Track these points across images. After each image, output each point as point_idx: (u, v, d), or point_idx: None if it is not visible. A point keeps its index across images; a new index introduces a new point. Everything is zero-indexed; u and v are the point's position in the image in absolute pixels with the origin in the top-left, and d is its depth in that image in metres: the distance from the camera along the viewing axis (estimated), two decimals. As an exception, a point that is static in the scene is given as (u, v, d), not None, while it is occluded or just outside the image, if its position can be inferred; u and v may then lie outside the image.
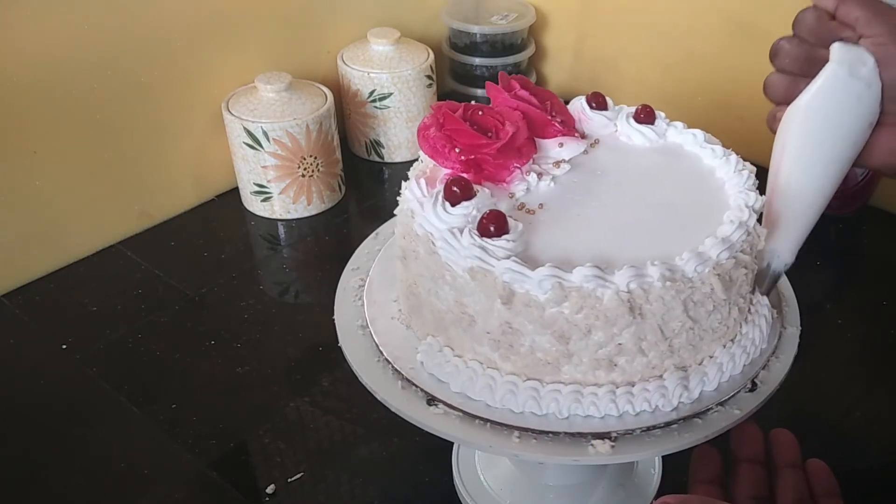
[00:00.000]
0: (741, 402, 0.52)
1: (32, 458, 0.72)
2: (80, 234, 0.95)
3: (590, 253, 0.50)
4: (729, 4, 1.04)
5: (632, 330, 0.48)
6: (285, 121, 0.95)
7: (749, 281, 0.53)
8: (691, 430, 0.50)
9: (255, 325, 0.86)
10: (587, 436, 0.50)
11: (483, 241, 0.49)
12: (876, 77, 0.46)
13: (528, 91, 0.60)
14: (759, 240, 0.52)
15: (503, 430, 0.50)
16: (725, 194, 0.56)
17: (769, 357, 0.55)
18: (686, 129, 0.62)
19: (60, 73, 0.87)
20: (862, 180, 0.96)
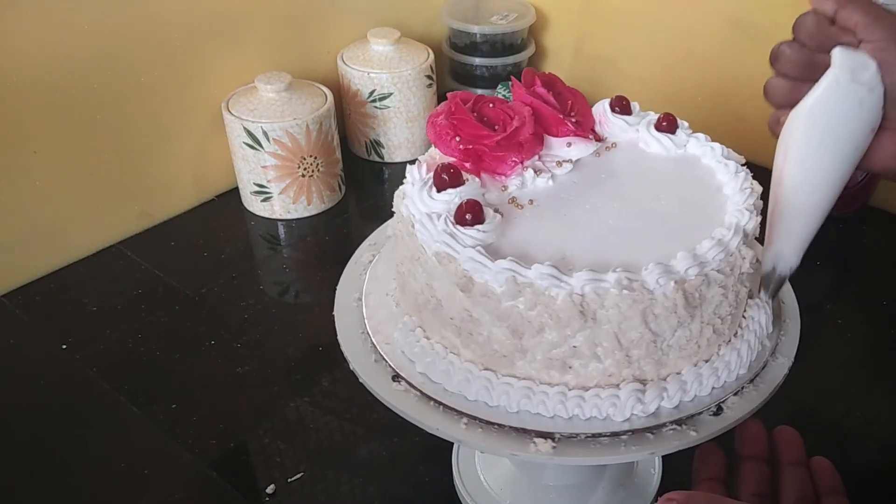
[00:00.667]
0: (701, 423, 0.50)
1: (32, 458, 0.72)
2: (80, 234, 0.95)
3: (561, 253, 0.50)
4: (729, 4, 1.04)
5: (586, 334, 0.48)
6: (285, 121, 0.95)
7: (733, 302, 0.51)
8: (640, 445, 0.49)
9: (255, 325, 0.86)
10: (531, 433, 0.50)
11: (455, 228, 0.51)
12: (878, 82, 0.46)
13: (550, 89, 0.59)
14: (742, 261, 0.50)
15: (454, 415, 0.52)
16: (724, 211, 0.54)
17: (745, 384, 0.53)
18: (707, 142, 0.60)
19: (60, 73, 0.87)
20: (862, 180, 0.96)
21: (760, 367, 0.54)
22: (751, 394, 0.53)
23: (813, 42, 0.49)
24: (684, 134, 0.61)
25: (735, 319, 0.53)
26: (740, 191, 0.55)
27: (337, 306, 0.61)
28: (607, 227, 0.53)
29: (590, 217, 0.54)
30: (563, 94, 0.61)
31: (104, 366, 0.81)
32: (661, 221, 0.54)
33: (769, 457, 0.54)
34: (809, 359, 0.60)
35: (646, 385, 0.51)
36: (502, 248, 0.51)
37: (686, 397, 0.51)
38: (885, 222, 1.00)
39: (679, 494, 0.45)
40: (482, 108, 0.57)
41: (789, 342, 0.57)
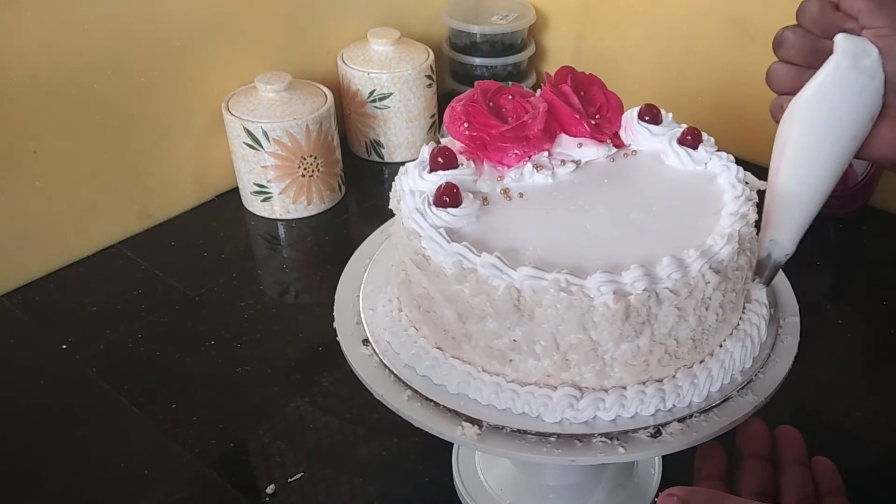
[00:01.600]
0: (634, 442, 0.50)
1: (32, 458, 0.72)
2: (80, 234, 0.95)
3: (518, 247, 0.51)
4: (729, 4, 1.04)
5: (525, 329, 0.49)
6: (285, 121, 0.95)
7: (695, 326, 0.50)
8: (562, 448, 0.50)
9: (255, 325, 0.86)
10: (462, 416, 0.51)
11: (429, 208, 0.52)
12: (879, 69, 0.47)
13: (581, 89, 0.59)
14: (706, 286, 0.48)
15: (401, 386, 0.54)
16: (709, 233, 0.52)
17: (697, 412, 0.51)
18: (728, 161, 0.57)
19: (60, 73, 0.87)
20: (862, 180, 0.96)
21: (721, 399, 0.52)
22: (699, 424, 0.51)
23: (816, 28, 0.49)
24: (705, 151, 0.58)
25: (700, 346, 0.52)
26: (735, 215, 0.52)
27: (337, 306, 0.61)
28: (581, 231, 0.53)
29: (570, 218, 0.54)
30: (594, 96, 0.60)
31: (104, 366, 0.81)
32: (638, 233, 0.52)
33: (770, 456, 0.54)
34: (809, 359, 0.60)
35: (583, 393, 0.51)
36: (470, 234, 0.52)
37: (625, 413, 0.51)
38: (885, 222, 1.00)
39: (680, 490, 0.45)
40: (500, 100, 0.58)
41: (767, 382, 0.54)
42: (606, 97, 0.61)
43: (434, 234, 0.50)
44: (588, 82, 0.61)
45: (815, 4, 0.49)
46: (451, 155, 0.56)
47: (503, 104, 0.58)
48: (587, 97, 0.60)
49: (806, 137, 0.50)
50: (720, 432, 0.51)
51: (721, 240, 0.50)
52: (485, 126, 0.57)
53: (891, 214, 1.01)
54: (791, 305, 0.60)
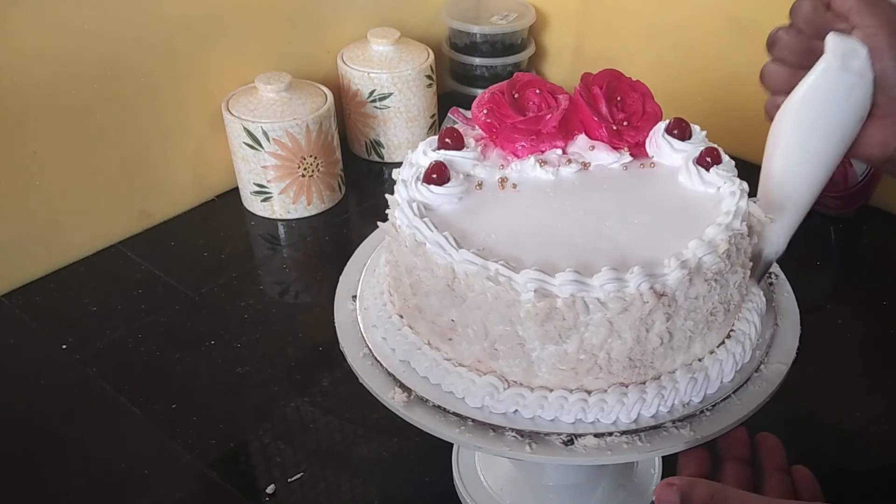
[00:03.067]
0: (544, 445, 0.50)
1: (32, 458, 0.72)
2: (80, 234, 0.95)
3: (486, 235, 0.52)
4: (729, 4, 1.04)
5: (459, 311, 0.50)
6: (285, 121, 0.95)
7: (632, 344, 0.49)
8: (473, 434, 0.51)
9: (255, 325, 0.86)
10: (397, 382, 0.54)
11: (415, 182, 0.55)
12: (868, 68, 0.47)
13: (615, 94, 0.59)
14: (643, 305, 0.47)
15: (361, 352, 0.57)
16: (675, 254, 0.51)
17: (622, 432, 0.50)
18: (739, 189, 0.54)
19: (60, 74, 0.87)
20: (862, 180, 0.96)
21: (650, 425, 0.51)
22: (619, 444, 0.50)
23: (809, 27, 0.49)
24: (718, 174, 0.56)
25: (642, 367, 0.51)
26: (706, 244, 0.50)
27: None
28: (550, 229, 0.53)
29: (546, 215, 0.54)
30: (631, 103, 0.59)
31: (104, 366, 0.81)
32: (605, 242, 0.52)
33: (751, 461, 0.54)
34: (809, 359, 0.60)
35: (509, 385, 0.51)
36: (445, 213, 0.54)
37: (544, 415, 0.51)
38: (885, 222, 1.00)
39: (680, 480, 0.45)
40: (528, 92, 0.60)
41: (714, 421, 0.52)
42: (644, 107, 0.60)
43: (405, 206, 0.53)
44: (629, 88, 0.60)
45: (808, 4, 0.49)
46: (459, 137, 0.58)
47: (529, 97, 0.60)
48: (623, 103, 0.60)
49: (796, 138, 0.50)
50: (643, 456, 0.50)
51: (674, 264, 0.48)
52: (501, 115, 0.58)
53: (891, 214, 1.01)
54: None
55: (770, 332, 0.58)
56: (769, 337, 0.57)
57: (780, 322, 0.59)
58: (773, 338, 0.57)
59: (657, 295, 0.48)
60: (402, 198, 0.55)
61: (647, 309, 0.48)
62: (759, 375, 0.54)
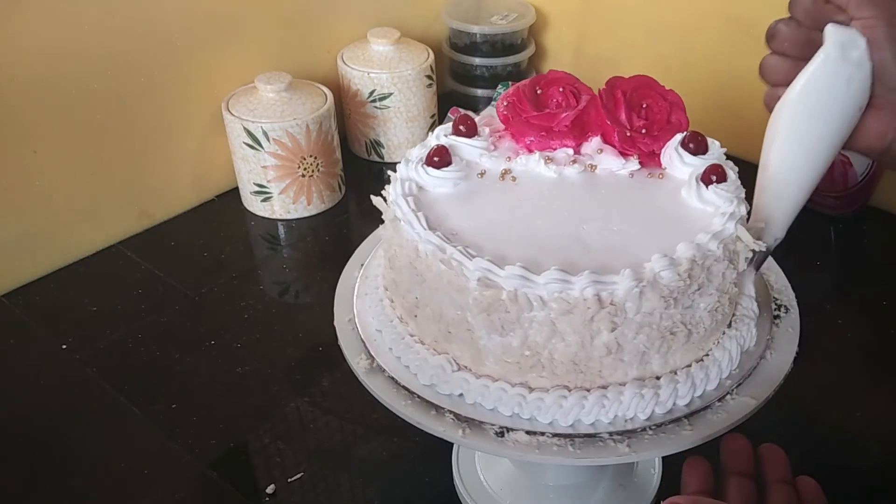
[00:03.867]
0: (477, 431, 0.51)
1: (32, 457, 0.72)
2: (80, 234, 0.95)
3: (461, 220, 0.54)
4: (728, 4, 1.04)
5: (421, 290, 0.52)
6: (285, 121, 0.95)
7: (575, 347, 0.49)
8: (415, 411, 0.53)
9: (255, 325, 0.86)
10: (366, 351, 0.57)
11: (417, 164, 0.57)
12: (867, 59, 0.47)
13: (643, 102, 0.59)
14: (586, 311, 0.48)
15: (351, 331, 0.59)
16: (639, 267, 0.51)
17: (555, 434, 0.50)
18: (734, 209, 0.53)
19: (61, 73, 0.87)
20: (862, 180, 0.96)
21: (587, 433, 0.51)
22: (549, 444, 0.50)
23: (808, 19, 0.49)
24: (716, 192, 0.54)
25: (583, 372, 0.51)
26: (668, 261, 0.49)
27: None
28: (527, 224, 0.54)
29: (531, 212, 0.55)
30: (656, 112, 0.59)
31: (104, 366, 0.81)
32: (576, 244, 0.52)
33: (754, 473, 0.54)
34: (809, 359, 0.60)
35: (458, 369, 0.53)
36: (435, 195, 0.56)
37: (485, 403, 0.52)
38: (885, 222, 1.00)
39: (684, 499, 0.45)
40: (551, 90, 0.60)
41: (656, 443, 0.50)
42: (669, 118, 0.59)
43: (398, 187, 0.56)
44: (659, 97, 0.59)
45: None
46: (473, 125, 0.60)
47: (552, 95, 0.60)
48: (648, 110, 0.59)
49: (795, 128, 0.50)
50: (569, 461, 0.50)
51: (627, 274, 0.48)
52: (519, 109, 0.60)
53: (891, 214, 1.01)
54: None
55: (753, 363, 0.55)
56: (749, 369, 0.54)
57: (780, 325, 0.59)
58: (753, 370, 0.55)
59: (601, 302, 0.47)
60: (400, 175, 0.57)
61: (590, 315, 0.48)
62: (721, 405, 0.52)
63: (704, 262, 0.49)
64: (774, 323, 0.58)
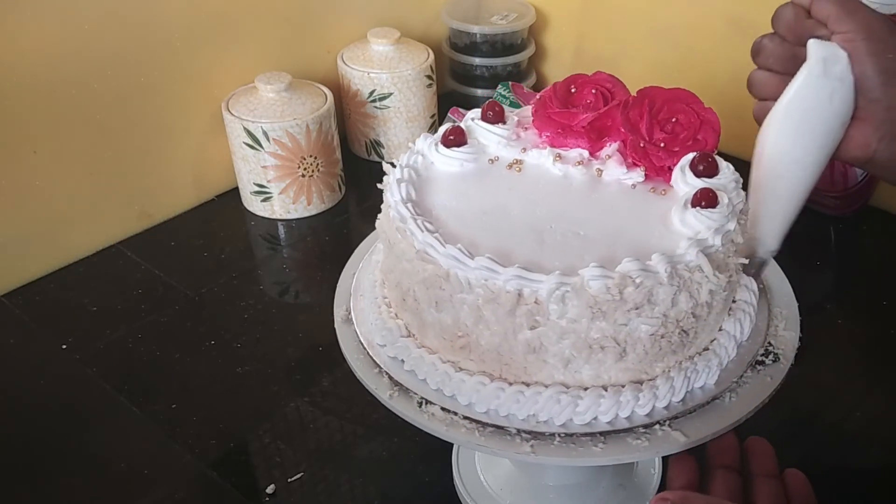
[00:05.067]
0: (402, 399, 0.54)
1: (32, 457, 0.72)
2: (80, 234, 0.95)
3: (448, 205, 0.56)
4: (728, 4, 1.04)
5: (387, 257, 0.56)
6: (285, 121, 0.95)
7: (498, 341, 0.50)
8: (377, 386, 0.55)
9: (255, 325, 0.86)
10: (347, 313, 0.61)
11: (433, 141, 0.60)
12: (849, 73, 0.48)
13: (670, 114, 0.58)
14: (505, 302, 0.49)
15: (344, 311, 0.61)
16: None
17: (469, 422, 0.52)
18: (708, 240, 0.51)
19: (61, 73, 0.87)
20: (862, 180, 0.96)
21: (496, 423, 0.52)
22: (458, 427, 0.52)
23: (791, 35, 0.51)
24: (698, 217, 0.52)
25: (508, 364, 0.52)
26: (605, 273, 0.48)
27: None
28: (503, 212, 0.55)
29: (514, 202, 0.56)
30: (680, 128, 0.57)
31: (104, 366, 0.81)
32: (532, 239, 0.52)
33: (741, 468, 0.54)
34: (809, 359, 0.60)
35: (407, 335, 0.56)
36: (438, 172, 0.59)
37: (418, 373, 0.54)
38: (885, 222, 1.00)
39: (674, 494, 0.45)
40: (585, 89, 0.61)
41: (560, 450, 0.51)
42: (696, 135, 0.57)
43: (407, 155, 0.59)
44: (693, 113, 0.58)
45: (789, 12, 0.50)
46: (500, 113, 0.62)
47: (585, 95, 0.61)
48: (676, 125, 0.58)
49: (782, 144, 0.51)
50: (469, 442, 0.51)
51: (555, 276, 0.48)
52: (545, 103, 0.61)
53: (891, 214, 1.01)
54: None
55: (702, 401, 0.53)
56: (693, 406, 0.53)
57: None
58: (697, 408, 0.53)
59: (522, 297, 0.48)
60: (414, 149, 0.60)
61: (510, 308, 0.48)
62: (636, 435, 0.51)
63: (644, 283, 0.48)
64: (756, 367, 0.55)
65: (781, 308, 0.60)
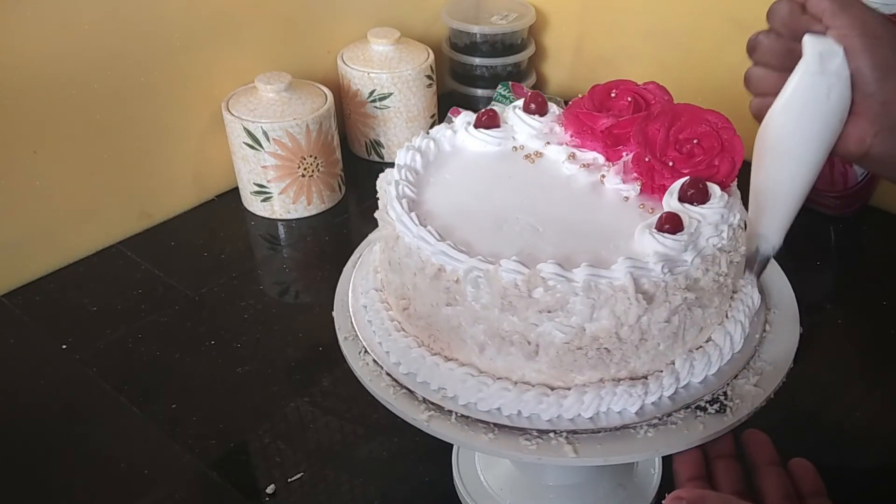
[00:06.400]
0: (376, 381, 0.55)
1: (32, 457, 0.72)
2: (80, 234, 0.95)
3: (458, 178, 0.59)
4: (728, 4, 1.03)
5: (387, 255, 0.57)
6: (285, 121, 0.95)
7: (427, 309, 0.53)
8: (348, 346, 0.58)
9: (255, 325, 0.86)
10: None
11: (468, 124, 0.63)
12: (845, 68, 0.48)
13: (691, 135, 0.57)
14: (441, 278, 0.51)
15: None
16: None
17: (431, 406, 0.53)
18: (650, 269, 0.50)
19: (60, 74, 0.87)
20: (862, 180, 0.96)
21: (433, 399, 0.54)
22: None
23: (786, 30, 0.51)
24: (656, 240, 0.51)
25: (437, 339, 0.53)
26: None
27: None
28: (489, 198, 0.57)
29: (514, 193, 0.58)
30: (703, 151, 0.56)
31: (104, 366, 0.81)
32: (500, 231, 0.54)
33: (737, 455, 0.54)
34: (809, 359, 0.60)
35: (389, 309, 0.58)
36: (465, 150, 0.62)
37: (391, 350, 0.56)
38: (885, 222, 1.00)
39: (688, 493, 0.45)
40: (624, 94, 0.62)
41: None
42: (711, 161, 0.56)
43: (437, 130, 0.62)
44: (715, 137, 0.56)
45: (784, 7, 0.51)
46: (543, 104, 0.64)
47: (621, 101, 0.61)
48: (694, 147, 0.56)
49: (781, 141, 0.51)
50: (417, 418, 0.52)
51: (474, 260, 0.50)
52: (578, 105, 0.63)
53: (891, 214, 1.01)
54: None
55: (605, 425, 0.52)
56: (598, 426, 0.52)
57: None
58: (605, 431, 0.52)
59: (442, 272, 0.51)
60: (447, 120, 0.63)
61: (429, 278, 0.51)
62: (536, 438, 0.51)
63: (557, 287, 0.48)
64: (695, 411, 0.53)
65: (767, 361, 0.56)
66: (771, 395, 0.53)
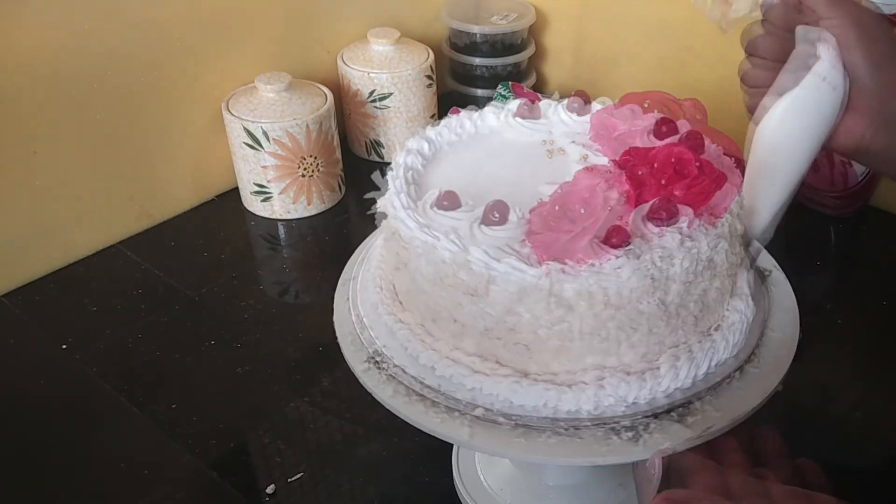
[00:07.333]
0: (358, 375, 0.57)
1: (32, 457, 0.72)
2: (80, 234, 0.95)
3: (480, 155, 0.63)
4: (729, 4, 1.04)
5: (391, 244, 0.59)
6: (285, 121, 0.95)
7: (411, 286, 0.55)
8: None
9: (255, 325, 0.86)
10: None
11: (511, 112, 0.66)
12: (839, 60, 0.49)
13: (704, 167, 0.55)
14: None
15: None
16: None
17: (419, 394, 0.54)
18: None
19: (60, 73, 0.87)
20: (862, 180, 0.96)
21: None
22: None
23: (780, 23, 0.52)
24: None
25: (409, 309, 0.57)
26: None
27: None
28: (493, 180, 0.59)
29: (510, 178, 0.60)
30: (696, 183, 0.54)
31: (104, 366, 0.81)
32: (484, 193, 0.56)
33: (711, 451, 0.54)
34: (809, 359, 0.60)
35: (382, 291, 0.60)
36: (500, 132, 0.66)
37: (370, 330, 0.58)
38: (885, 222, 1.00)
39: (679, 493, 0.45)
40: (653, 109, 0.65)
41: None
42: (689, 195, 0.53)
43: (486, 112, 0.66)
44: (711, 175, 0.54)
45: (780, 1, 0.52)
46: (587, 101, 0.67)
47: (648, 112, 0.64)
48: (692, 179, 0.54)
49: (777, 135, 0.52)
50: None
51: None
52: (608, 113, 0.65)
53: (891, 214, 1.01)
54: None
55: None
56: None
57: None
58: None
59: (397, 235, 0.55)
60: (490, 108, 0.66)
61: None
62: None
63: (487, 266, 0.50)
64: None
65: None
66: (771, 395, 0.53)
